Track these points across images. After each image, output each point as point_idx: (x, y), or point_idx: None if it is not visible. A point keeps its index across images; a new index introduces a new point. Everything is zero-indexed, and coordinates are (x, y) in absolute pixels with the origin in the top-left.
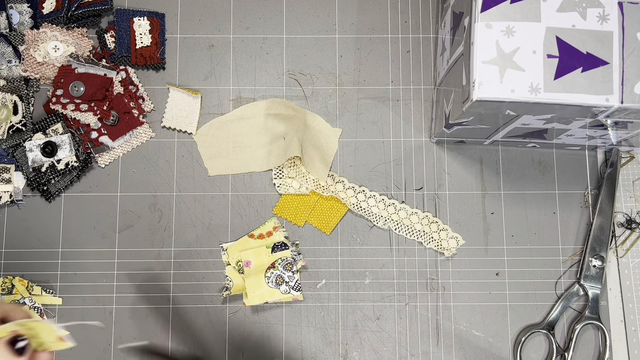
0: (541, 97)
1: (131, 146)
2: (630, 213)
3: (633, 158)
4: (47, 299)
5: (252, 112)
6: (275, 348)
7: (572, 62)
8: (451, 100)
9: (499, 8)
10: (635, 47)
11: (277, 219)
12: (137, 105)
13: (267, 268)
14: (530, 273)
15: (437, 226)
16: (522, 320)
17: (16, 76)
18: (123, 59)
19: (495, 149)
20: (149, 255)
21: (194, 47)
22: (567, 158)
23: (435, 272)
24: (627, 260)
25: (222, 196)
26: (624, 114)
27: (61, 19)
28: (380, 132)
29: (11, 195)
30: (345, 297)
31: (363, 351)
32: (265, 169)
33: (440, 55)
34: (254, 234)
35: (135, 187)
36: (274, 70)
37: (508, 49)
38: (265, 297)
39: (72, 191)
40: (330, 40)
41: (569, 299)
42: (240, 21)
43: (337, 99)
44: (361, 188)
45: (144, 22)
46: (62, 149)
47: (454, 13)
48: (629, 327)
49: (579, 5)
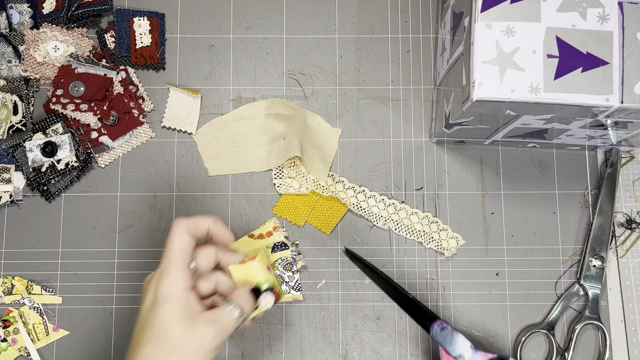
0: (541, 97)
1: (131, 146)
2: (630, 213)
3: (633, 158)
4: (47, 298)
5: (252, 112)
6: (275, 348)
7: (572, 62)
8: (451, 100)
9: (499, 8)
10: (635, 47)
11: (277, 219)
12: (137, 105)
13: None
14: (530, 273)
15: (437, 226)
16: (522, 320)
17: (16, 76)
18: (123, 59)
19: (495, 149)
20: (149, 255)
21: (194, 47)
22: (567, 158)
23: (435, 272)
24: (627, 260)
25: (222, 196)
26: (624, 114)
27: (61, 19)
28: (380, 132)
29: (11, 195)
30: (345, 297)
31: (363, 351)
32: (265, 169)
33: (440, 55)
34: (254, 234)
35: (135, 187)
36: (274, 70)
37: (508, 49)
38: None
39: (72, 191)
40: (330, 40)
41: (569, 299)
42: (240, 21)
43: (337, 99)
44: (361, 188)
45: (144, 22)
46: (62, 149)
47: (454, 13)
48: (629, 327)
49: (579, 5)
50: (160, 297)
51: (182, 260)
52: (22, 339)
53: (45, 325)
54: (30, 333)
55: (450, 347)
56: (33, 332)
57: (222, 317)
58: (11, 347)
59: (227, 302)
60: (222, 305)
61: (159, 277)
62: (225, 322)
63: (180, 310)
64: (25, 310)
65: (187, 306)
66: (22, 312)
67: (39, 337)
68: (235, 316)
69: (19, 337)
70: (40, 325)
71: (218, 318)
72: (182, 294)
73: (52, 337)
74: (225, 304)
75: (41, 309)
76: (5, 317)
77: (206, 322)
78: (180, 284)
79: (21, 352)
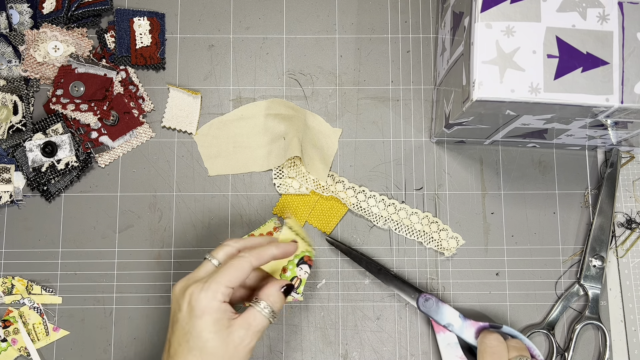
0: (541, 97)
1: (131, 146)
2: (630, 213)
3: (633, 158)
4: (47, 298)
5: (252, 112)
6: (275, 348)
7: (572, 62)
8: (451, 100)
9: (499, 8)
10: (635, 47)
11: (277, 219)
12: (137, 105)
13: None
14: (530, 273)
15: (437, 226)
16: (522, 320)
17: (16, 76)
18: (123, 59)
19: (495, 149)
20: (149, 255)
21: (194, 47)
22: (567, 158)
23: (435, 272)
24: (627, 260)
25: (222, 196)
26: (624, 114)
27: (61, 19)
28: (380, 132)
29: (11, 195)
30: (345, 297)
31: (363, 351)
32: (265, 169)
33: (440, 55)
34: (254, 234)
35: (135, 187)
36: (274, 70)
37: (508, 49)
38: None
39: (72, 191)
40: (330, 40)
41: (569, 299)
42: (240, 21)
43: (337, 99)
44: (361, 188)
45: (144, 22)
46: (62, 149)
47: (454, 13)
48: (629, 327)
49: (579, 5)
50: (198, 308)
51: (230, 284)
52: (22, 338)
53: (45, 325)
54: (30, 333)
55: (438, 317)
56: (33, 332)
57: (255, 319)
58: (11, 347)
59: (257, 301)
60: (254, 305)
61: (201, 289)
62: (258, 323)
63: (217, 321)
64: (25, 310)
65: (224, 316)
66: (22, 312)
67: (39, 337)
68: (266, 315)
69: (19, 337)
70: (40, 325)
71: (250, 321)
72: (220, 306)
73: (52, 337)
74: (257, 304)
75: (41, 309)
76: (5, 317)
77: (240, 327)
78: (219, 297)
79: (21, 352)
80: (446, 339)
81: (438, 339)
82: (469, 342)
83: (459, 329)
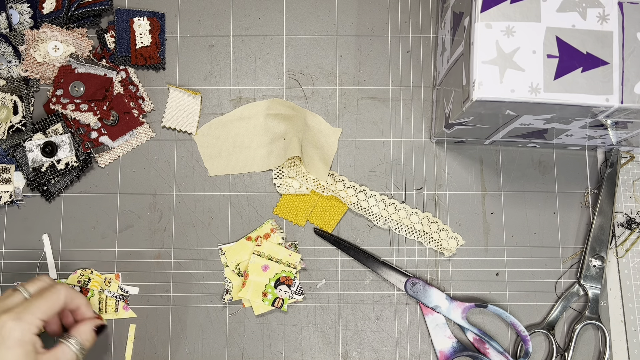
0: (541, 97)
1: (131, 146)
2: (630, 213)
3: (633, 158)
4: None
5: (252, 112)
6: (275, 348)
7: (572, 62)
8: (451, 100)
9: (499, 8)
10: (635, 47)
11: (274, 221)
12: (137, 105)
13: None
14: (530, 273)
15: (437, 226)
16: (522, 320)
17: (16, 76)
18: (123, 59)
19: (495, 149)
20: (149, 255)
21: (194, 47)
22: (567, 158)
23: (435, 272)
24: (627, 260)
25: (222, 196)
26: (624, 114)
27: (61, 19)
28: (380, 132)
29: (11, 195)
30: (345, 297)
31: (363, 351)
32: (265, 169)
33: (440, 55)
34: (252, 236)
35: (135, 187)
36: (274, 70)
37: (508, 49)
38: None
39: (72, 191)
40: (330, 40)
41: (569, 299)
42: (240, 21)
43: (337, 99)
44: (361, 187)
45: (144, 22)
46: (62, 149)
47: (454, 13)
48: (629, 327)
49: (579, 5)
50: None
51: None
52: None
53: (117, 303)
54: (101, 302)
55: (426, 300)
56: (103, 302)
57: (64, 354)
58: None
59: (68, 337)
60: (64, 341)
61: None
62: (66, 358)
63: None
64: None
65: (33, 349)
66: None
67: (107, 310)
68: (76, 351)
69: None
70: (112, 300)
71: (59, 355)
72: (31, 338)
73: (120, 314)
74: (67, 339)
75: (118, 295)
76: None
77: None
78: (34, 329)
79: None
80: (435, 320)
81: (427, 320)
82: (456, 321)
83: (447, 310)
